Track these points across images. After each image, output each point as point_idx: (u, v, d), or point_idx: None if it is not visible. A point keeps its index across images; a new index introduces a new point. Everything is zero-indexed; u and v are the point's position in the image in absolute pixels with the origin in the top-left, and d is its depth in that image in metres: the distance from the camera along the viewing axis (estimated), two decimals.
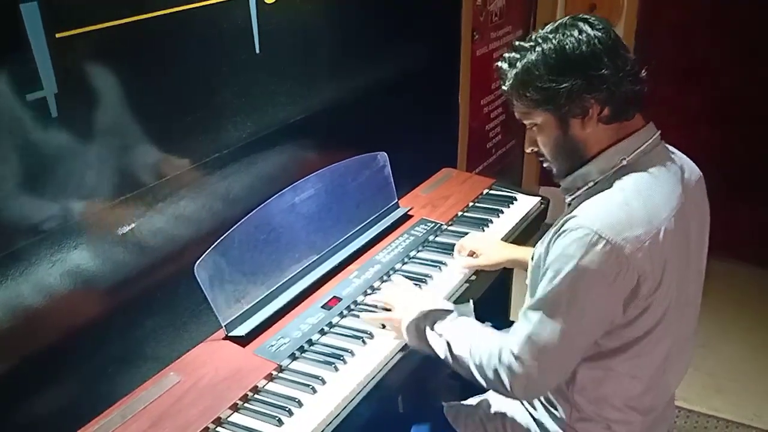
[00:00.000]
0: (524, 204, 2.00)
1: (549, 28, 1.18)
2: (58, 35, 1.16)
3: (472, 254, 1.70)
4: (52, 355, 1.27)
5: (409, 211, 1.90)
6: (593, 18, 1.17)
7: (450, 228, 1.87)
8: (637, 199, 1.16)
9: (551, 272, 1.15)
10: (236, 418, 1.25)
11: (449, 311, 1.36)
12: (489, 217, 1.90)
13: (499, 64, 1.22)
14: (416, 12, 2.22)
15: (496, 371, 1.21)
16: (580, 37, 1.13)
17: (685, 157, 1.29)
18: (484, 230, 1.85)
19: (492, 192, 2.06)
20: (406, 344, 1.40)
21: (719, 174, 1.36)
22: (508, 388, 1.20)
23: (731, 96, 3.00)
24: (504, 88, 1.22)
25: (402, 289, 1.52)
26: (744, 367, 2.58)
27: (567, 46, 1.13)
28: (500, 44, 2.91)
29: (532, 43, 1.17)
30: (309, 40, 1.77)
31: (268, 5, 1.60)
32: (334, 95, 1.89)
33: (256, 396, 1.29)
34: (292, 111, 1.76)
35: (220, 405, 1.25)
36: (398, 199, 1.92)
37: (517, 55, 1.18)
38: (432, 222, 1.87)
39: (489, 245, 1.69)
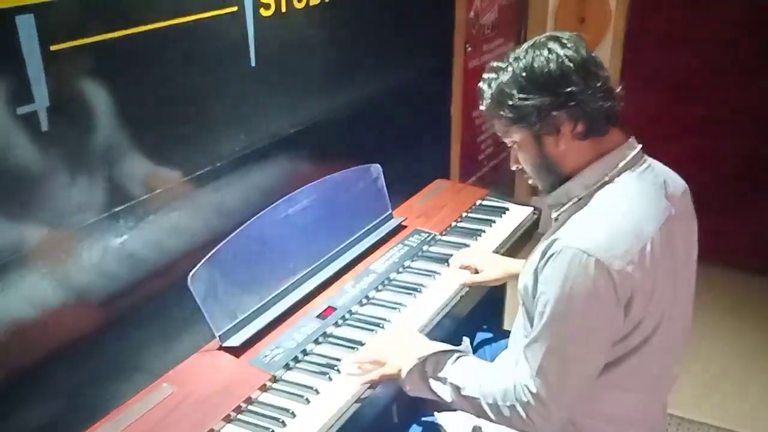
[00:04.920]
0: (517, 214, 2.01)
1: (523, 47, 1.21)
2: (52, 48, 1.16)
3: (466, 267, 1.70)
4: (43, 367, 1.26)
5: (403, 221, 1.91)
6: (566, 36, 1.19)
7: (444, 238, 1.87)
8: (622, 214, 1.16)
9: (546, 299, 1.15)
10: (229, 429, 1.24)
11: (447, 354, 1.32)
12: (482, 227, 1.91)
13: (480, 84, 1.25)
14: (410, 24, 2.24)
15: (513, 408, 1.20)
16: (549, 56, 1.16)
17: (669, 170, 1.30)
18: (477, 240, 1.86)
19: (485, 203, 2.07)
20: None
21: (705, 182, 1.38)
22: (528, 423, 1.19)
23: (717, 106, 3.04)
24: (482, 108, 1.26)
25: (387, 340, 1.44)
26: (731, 373, 2.59)
27: (536, 65, 1.16)
28: (492, 57, 2.94)
29: (505, 64, 1.21)
30: (304, 52, 1.78)
31: (265, 18, 1.61)
32: (329, 107, 1.90)
33: (249, 407, 1.28)
34: (286, 123, 1.77)
35: (213, 417, 1.24)
36: (392, 209, 1.92)
37: (494, 75, 1.22)
38: (426, 232, 1.88)
39: (488, 261, 1.68)
